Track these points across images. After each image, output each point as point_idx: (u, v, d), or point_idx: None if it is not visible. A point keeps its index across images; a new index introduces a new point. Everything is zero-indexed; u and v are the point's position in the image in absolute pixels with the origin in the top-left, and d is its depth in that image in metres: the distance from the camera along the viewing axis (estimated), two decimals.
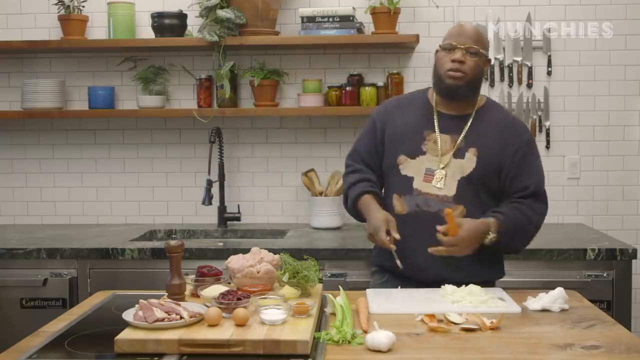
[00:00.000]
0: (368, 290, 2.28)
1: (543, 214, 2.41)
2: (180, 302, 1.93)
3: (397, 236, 2.26)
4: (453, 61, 2.34)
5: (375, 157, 2.50)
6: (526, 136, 2.44)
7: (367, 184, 2.46)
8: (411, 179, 2.39)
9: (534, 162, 2.42)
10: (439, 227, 2.24)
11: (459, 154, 2.38)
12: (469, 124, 2.41)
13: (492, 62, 3.58)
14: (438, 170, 2.37)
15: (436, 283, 2.29)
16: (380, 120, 2.51)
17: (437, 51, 2.44)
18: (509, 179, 2.38)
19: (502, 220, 2.30)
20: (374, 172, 2.49)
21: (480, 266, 2.37)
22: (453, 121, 2.41)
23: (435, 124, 2.42)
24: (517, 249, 2.45)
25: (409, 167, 2.40)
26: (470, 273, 2.32)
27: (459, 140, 2.39)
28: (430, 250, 2.25)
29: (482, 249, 2.32)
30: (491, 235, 2.28)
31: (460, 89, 2.36)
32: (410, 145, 2.41)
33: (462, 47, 2.34)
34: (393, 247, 2.27)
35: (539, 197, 2.40)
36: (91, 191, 3.77)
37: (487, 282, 2.38)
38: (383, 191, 2.52)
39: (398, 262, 2.27)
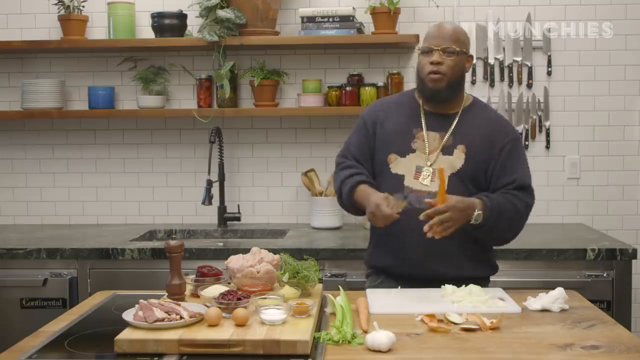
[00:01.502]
0: (368, 290, 2.28)
1: (529, 205, 2.43)
2: (180, 302, 1.93)
3: (399, 208, 2.25)
4: (431, 63, 2.37)
5: (366, 154, 2.50)
6: (513, 134, 2.47)
7: (361, 176, 2.46)
8: (402, 177, 2.41)
9: (520, 159, 2.45)
10: (426, 200, 2.25)
11: (447, 150, 2.40)
12: (455, 121, 2.43)
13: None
14: (425, 168, 2.39)
15: (431, 280, 2.31)
16: (370, 119, 2.52)
17: (419, 54, 2.46)
18: (495, 175, 2.40)
19: (487, 201, 2.31)
20: (365, 168, 2.50)
21: (473, 262, 2.40)
22: (440, 119, 2.44)
23: (423, 122, 2.44)
24: (503, 237, 2.43)
25: (399, 165, 2.42)
26: (462, 268, 2.36)
27: (446, 137, 2.41)
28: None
29: (472, 243, 2.36)
30: (477, 212, 2.27)
31: (441, 91, 2.38)
32: (400, 144, 2.44)
33: (439, 48, 2.36)
34: (396, 215, 2.23)
35: (525, 190, 2.41)
36: (91, 191, 3.77)
37: (482, 279, 2.42)
38: None
39: (405, 201, 2.30)
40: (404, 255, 2.38)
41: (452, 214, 2.21)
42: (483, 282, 2.42)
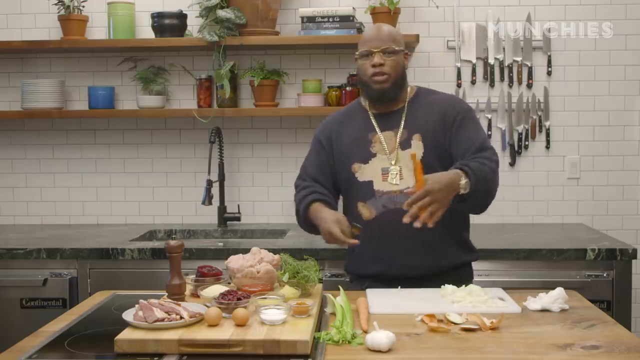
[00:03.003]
0: (368, 290, 2.28)
1: (497, 162, 2.37)
2: (180, 302, 1.92)
3: (354, 238, 2.26)
4: (374, 66, 2.39)
5: (326, 172, 2.51)
6: (463, 106, 2.47)
7: (315, 194, 2.46)
8: (370, 183, 2.41)
9: (475, 127, 2.43)
10: (405, 190, 2.26)
11: (405, 145, 2.41)
12: (404, 115, 2.45)
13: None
14: (392, 167, 2.39)
15: (417, 276, 2.34)
16: (324, 136, 2.55)
17: (356, 59, 2.48)
18: (453, 146, 2.39)
19: (467, 168, 2.23)
20: (324, 187, 2.49)
21: (454, 248, 2.43)
22: (389, 117, 2.47)
23: (375, 125, 2.46)
24: (486, 201, 2.35)
25: (364, 172, 2.43)
26: (445, 256, 2.39)
27: (399, 132, 2.43)
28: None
29: (451, 230, 2.38)
30: (463, 181, 2.19)
31: (388, 90, 2.41)
32: (360, 152, 2.45)
33: (379, 50, 2.39)
34: (354, 241, 2.25)
35: (487, 150, 2.37)
36: (91, 191, 3.77)
37: (466, 265, 2.47)
38: (344, 203, 2.55)
39: (351, 241, 2.25)
40: (387, 259, 2.39)
41: (434, 196, 2.11)
42: (467, 268, 2.47)
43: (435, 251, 2.38)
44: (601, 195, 3.64)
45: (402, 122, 2.44)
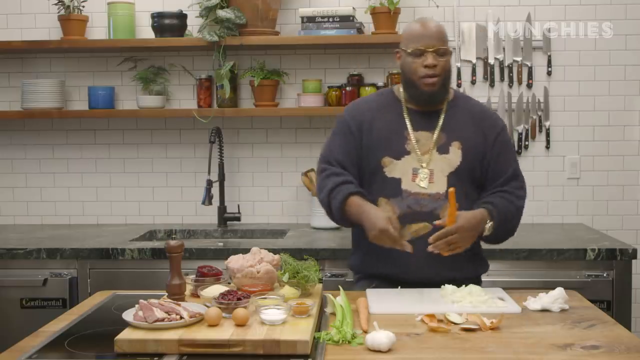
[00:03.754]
0: (368, 290, 2.28)
1: (524, 197, 2.42)
2: (180, 302, 1.93)
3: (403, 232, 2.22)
4: (426, 66, 2.30)
5: (353, 159, 2.40)
6: (501, 122, 2.47)
7: (350, 185, 2.35)
8: (398, 181, 2.34)
9: (510, 148, 2.47)
10: (436, 222, 2.21)
11: (442, 149, 2.36)
12: (442, 117, 2.39)
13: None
14: (422, 170, 2.34)
15: (427, 284, 2.29)
16: (355, 122, 2.42)
17: (397, 52, 2.41)
18: (491, 167, 2.38)
19: (494, 209, 2.29)
20: (351, 174, 2.39)
21: (469, 262, 2.39)
22: (425, 117, 2.40)
23: (408, 122, 2.39)
24: (504, 239, 2.44)
25: (395, 168, 2.35)
26: (459, 268, 2.34)
27: (436, 135, 2.37)
28: (429, 248, 2.20)
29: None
30: (488, 224, 2.26)
31: (437, 93, 2.35)
32: (393, 146, 2.37)
33: (432, 50, 2.30)
34: (409, 245, 2.19)
35: (519, 179, 2.41)
36: (91, 191, 3.77)
37: (477, 279, 2.44)
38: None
39: (408, 246, 2.20)
40: (399, 261, 2.32)
41: (461, 235, 2.18)
42: (477, 281, 2.43)
43: (452, 263, 2.28)
44: (601, 195, 3.64)
45: (440, 124, 2.37)
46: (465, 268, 2.37)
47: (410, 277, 2.34)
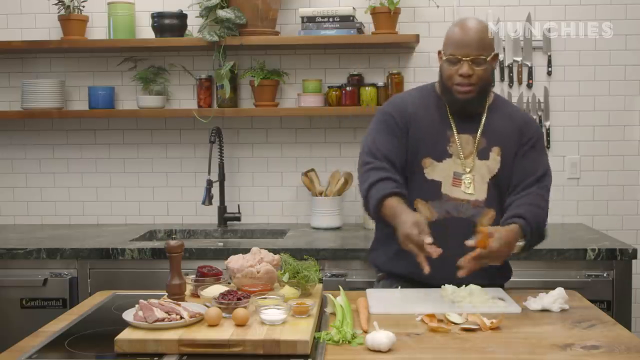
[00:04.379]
0: (368, 290, 2.28)
1: (549, 188, 2.33)
2: (180, 302, 1.93)
3: (429, 240, 2.01)
4: (461, 75, 2.22)
5: (399, 154, 2.28)
6: (539, 129, 2.40)
7: (391, 183, 2.23)
8: (439, 184, 2.26)
9: (543, 152, 2.36)
10: (467, 242, 2.07)
11: (482, 154, 2.29)
12: (482, 122, 2.31)
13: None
14: (466, 175, 2.26)
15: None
16: (399, 116, 2.31)
17: (439, 52, 2.33)
18: (517, 165, 2.29)
19: (526, 225, 2.18)
20: (396, 170, 2.27)
21: (501, 271, 2.33)
22: (468, 120, 2.31)
23: (452, 124, 2.30)
24: (533, 247, 2.34)
25: (435, 170, 2.28)
26: (493, 278, 2.28)
27: (477, 139, 2.29)
28: (459, 274, 2.05)
29: None
30: (521, 243, 2.17)
31: (472, 102, 2.26)
32: (436, 147, 2.28)
33: (468, 59, 2.22)
34: (437, 251, 2.00)
35: (546, 178, 2.31)
36: (91, 191, 3.77)
37: (500, 285, 2.36)
38: None
39: (426, 266, 2.04)
40: (439, 267, 2.08)
41: (493, 255, 2.08)
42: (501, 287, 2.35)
43: (484, 270, 2.15)
44: (601, 195, 3.64)
45: (481, 128, 2.30)
46: (492, 276, 2.28)
47: (436, 282, 2.19)
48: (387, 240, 2.34)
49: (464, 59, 2.22)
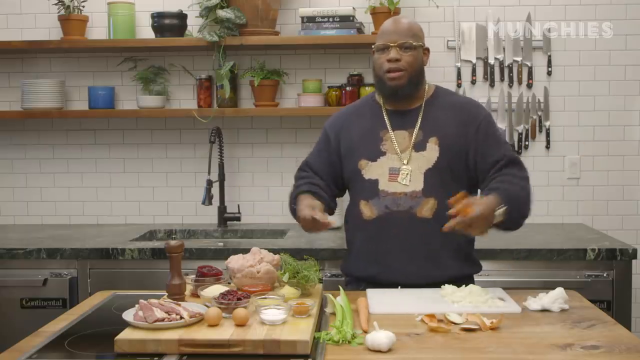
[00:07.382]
0: (368, 290, 2.28)
1: (528, 178, 2.35)
2: (180, 302, 1.92)
3: (318, 215, 2.19)
4: (389, 61, 2.31)
5: (328, 167, 2.47)
6: (483, 112, 2.41)
7: (307, 185, 2.41)
8: (376, 182, 2.35)
9: (498, 135, 2.40)
10: (450, 211, 2.09)
11: (419, 146, 2.34)
12: (420, 115, 2.38)
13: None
14: (403, 167, 2.33)
15: (417, 285, 2.27)
16: (332, 130, 2.49)
17: (373, 52, 2.41)
18: (479, 157, 2.33)
19: (502, 194, 2.19)
20: (322, 179, 2.46)
21: (458, 261, 2.36)
22: (404, 116, 2.39)
23: (387, 123, 2.40)
24: (520, 222, 2.33)
25: (371, 170, 2.37)
26: (447, 268, 2.32)
27: (415, 133, 2.36)
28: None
29: (455, 242, 2.31)
30: (502, 208, 2.16)
31: (403, 87, 2.33)
32: (368, 149, 2.38)
33: (395, 44, 2.31)
34: (327, 220, 2.19)
35: (517, 164, 2.34)
36: (91, 191, 3.77)
37: (466, 278, 2.38)
38: (349, 201, 2.47)
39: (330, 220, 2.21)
40: (387, 263, 2.33)
41: (477, 225, 2.10)
42: (467, 280, 2.36)
43: (434, 261, 2.31)
44: (601, 195, 3.64)
45: (419, 122, 2.36)
46: (449, 266, 2.33)
47: (393, 278, 2.31)
48: (349, 245, 2.49)
49: (391, 44, 2.32)
